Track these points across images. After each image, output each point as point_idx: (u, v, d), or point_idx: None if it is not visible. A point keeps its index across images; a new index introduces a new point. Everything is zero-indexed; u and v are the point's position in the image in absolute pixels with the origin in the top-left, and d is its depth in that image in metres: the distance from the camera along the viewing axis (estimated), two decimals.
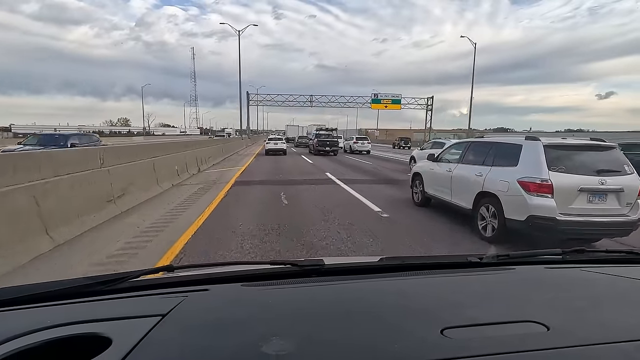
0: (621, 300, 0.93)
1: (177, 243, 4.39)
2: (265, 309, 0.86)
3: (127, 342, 0.66)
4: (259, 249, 4.25)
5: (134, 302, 0.90)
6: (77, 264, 3.63)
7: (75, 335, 0.70)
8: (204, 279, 1.03)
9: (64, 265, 3.58)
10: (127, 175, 6.45)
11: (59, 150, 6.76)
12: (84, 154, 5.64)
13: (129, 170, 6.59)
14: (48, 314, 0.81)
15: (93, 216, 4.96)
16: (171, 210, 6.23)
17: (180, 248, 4.21)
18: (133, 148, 8.06)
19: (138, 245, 4.31)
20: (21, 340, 0.67)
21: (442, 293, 0.98)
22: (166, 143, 11.89)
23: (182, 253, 4.06)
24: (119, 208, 5.72)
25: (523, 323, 0.76)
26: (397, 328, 0.75)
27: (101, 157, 5.65)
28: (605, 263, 1.27)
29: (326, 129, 30.23)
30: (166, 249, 4.19)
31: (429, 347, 0.67)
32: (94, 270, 3.48)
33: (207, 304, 0.90)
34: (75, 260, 3.72)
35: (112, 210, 5.54)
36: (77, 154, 5.56)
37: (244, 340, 0.69)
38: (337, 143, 24.21)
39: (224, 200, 7.23)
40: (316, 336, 0.71)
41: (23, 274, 3.31)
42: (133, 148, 8.06)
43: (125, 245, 4.26)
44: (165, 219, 5.59)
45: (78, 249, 4.08)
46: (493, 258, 1.19)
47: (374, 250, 4.38)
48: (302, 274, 1.07)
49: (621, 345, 0.67)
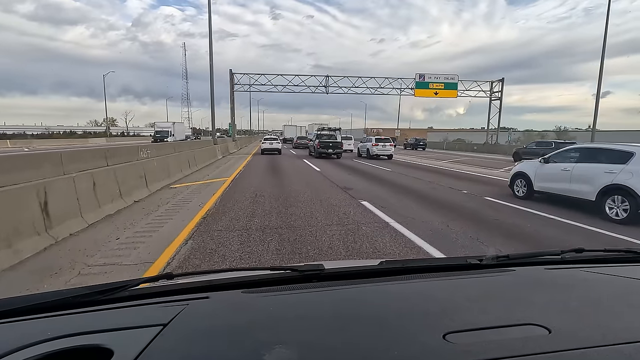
0: (620, 301, 0.93)
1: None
2: (266, 315, 0.85)
3: (129, 353, 0.65)
4: None
5: (134, 311, 0.89)
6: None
7: (77, 347, 0.69)
8: (204, 286, 1.02)
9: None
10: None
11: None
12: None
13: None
14: (47, 325, 0.80)
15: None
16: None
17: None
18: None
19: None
20: (23, 353, 0.66)
21: (443, 296, 0.97)
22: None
23: None
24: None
25: (524, 326, 0.76)
26: (400, 333, 0.75)
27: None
28: (603, 262, 1.27)
29: (329, 128, 26.33)
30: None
31: (432, 353, 0.67)
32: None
33: (208, 312, 0.89)
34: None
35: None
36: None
37: (246, 348, 0.69)
38: (340, 145, 21.92)
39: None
40: (318, 343, 0.71)
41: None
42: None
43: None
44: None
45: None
46: (493, 259, 1.19)
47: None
48: (302, 279, 1.06)
49: (622, 347, 0.67)
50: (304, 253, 4.13)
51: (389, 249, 4.33)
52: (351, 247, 4.38)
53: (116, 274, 3.43)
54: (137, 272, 3.49)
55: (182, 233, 4.80)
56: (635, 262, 1.29)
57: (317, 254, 4.09)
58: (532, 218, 6.33)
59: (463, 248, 4.47)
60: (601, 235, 5.33)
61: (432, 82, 33.58)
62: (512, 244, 4.69)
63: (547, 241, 4.91)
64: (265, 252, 4.12)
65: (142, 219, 5.52)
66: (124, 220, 5.42)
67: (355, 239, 4.67)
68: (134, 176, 7.18)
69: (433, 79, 33.69)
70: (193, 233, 4.83)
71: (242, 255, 3.98)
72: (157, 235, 4.69)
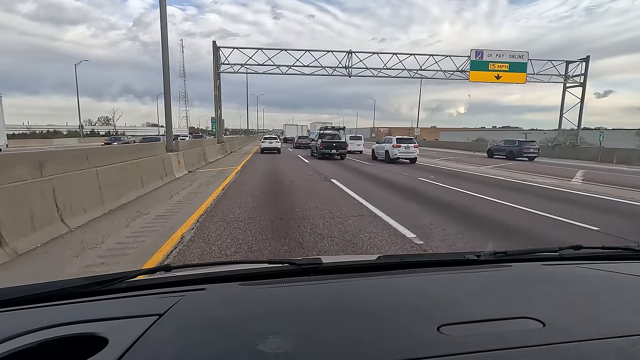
0: (616, 296, 0.94)
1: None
2: (262, 307, 0.86)
3: (123, 341, 0.66)
4: None
5: (130, 302, 0.90)
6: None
7: (71, 336, 0.70)
8: (201, 278, 1.03)
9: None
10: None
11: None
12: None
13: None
14: (44, 314, 0.80)
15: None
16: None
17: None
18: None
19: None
20: (17, 340, 0.67)
21: (439, 290, 0.98)
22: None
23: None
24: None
25: (519, 319, 0.77)
26: (394, 326, 0.75)
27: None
28: (601, 259, 1.27)
29: (332, 127, 23.86)
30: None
31: (426, 344, 0.67)
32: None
33: (204, 303, 0.89)
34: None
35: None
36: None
37: (241, 339, 0.69)
38: (344, 145, 20.33)
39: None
40: (313, 334, 0.71)
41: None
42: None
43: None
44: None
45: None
46: (490, 255, 1.20)
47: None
48: (299, 273, 1.07)
49: (616, 341, 0.67)
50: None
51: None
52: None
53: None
54: None
55: None
56: (632, 259, 1.30)
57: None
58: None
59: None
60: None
61: (493, 62, 23.91)
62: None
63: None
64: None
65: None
66: None
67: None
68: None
69: (494, 57, 23.96)
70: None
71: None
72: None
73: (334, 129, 23.40)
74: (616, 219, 6.13)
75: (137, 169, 7.53)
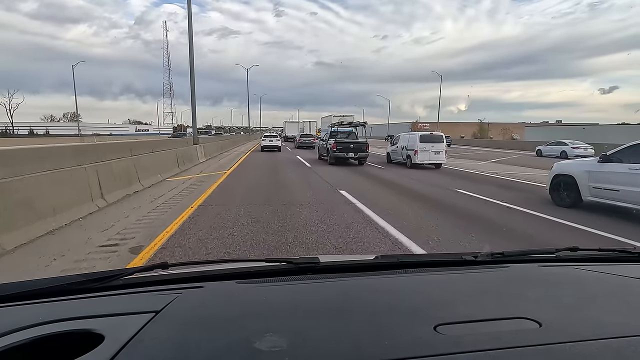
0: (612, 297, 0.94)
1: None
2: (259, 305, 0.86)
3: (119, 338, 0.66)
4: None
5: (127, 299, 0.90)
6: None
7: (67, 332, 0.70)
8: (199, 276, 1.03)
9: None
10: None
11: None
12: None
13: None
14: (40, 310, 0.81)
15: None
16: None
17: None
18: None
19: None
20: (13, 336, 0.67)
21: (436, 291, 0.98)
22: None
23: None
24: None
25: (515, 320, 0.77)
26: (391, 325, 0.75)
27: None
28: (597, 261, 1.28)
29: (349, 123, 18.90)
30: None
31: (422, 344, 0.67)
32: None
33: (201, 301, 0.90)
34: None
35: None
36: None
37: (238, 336, 0.69)
38: (365, 147, 15.17)
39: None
40: (310, 332, 0.72)
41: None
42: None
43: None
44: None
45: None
46: (487, 256, 1.20)
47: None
48: (297, 272, 1.07)
49: (611, 342, 0.67)
50: None
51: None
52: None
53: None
54: None
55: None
56: (628, 262, 1.30)
57: None
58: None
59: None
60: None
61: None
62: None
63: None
64: None
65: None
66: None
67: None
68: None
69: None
70: None
71: None
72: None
73: (350, 124, 18.46)
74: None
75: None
